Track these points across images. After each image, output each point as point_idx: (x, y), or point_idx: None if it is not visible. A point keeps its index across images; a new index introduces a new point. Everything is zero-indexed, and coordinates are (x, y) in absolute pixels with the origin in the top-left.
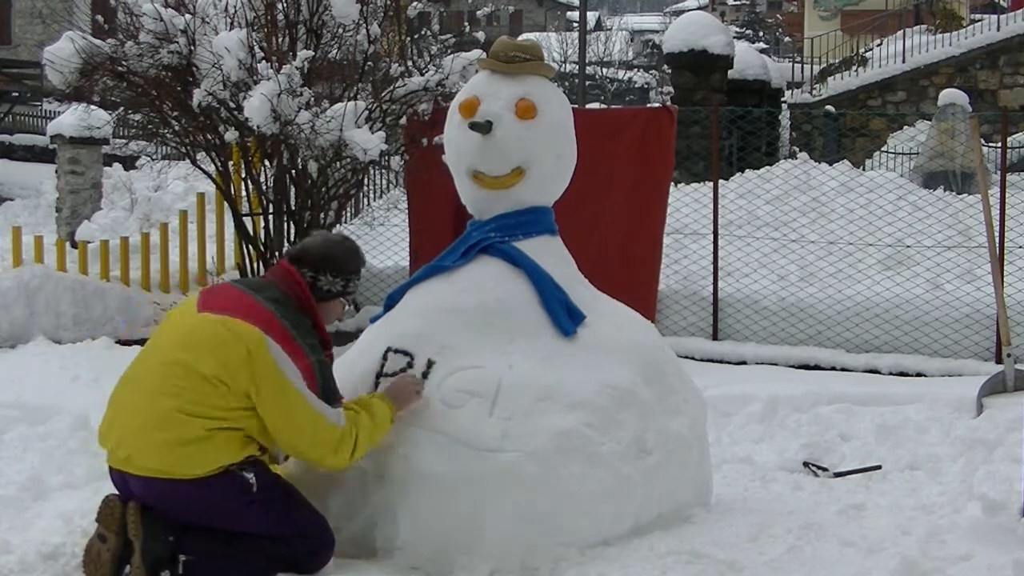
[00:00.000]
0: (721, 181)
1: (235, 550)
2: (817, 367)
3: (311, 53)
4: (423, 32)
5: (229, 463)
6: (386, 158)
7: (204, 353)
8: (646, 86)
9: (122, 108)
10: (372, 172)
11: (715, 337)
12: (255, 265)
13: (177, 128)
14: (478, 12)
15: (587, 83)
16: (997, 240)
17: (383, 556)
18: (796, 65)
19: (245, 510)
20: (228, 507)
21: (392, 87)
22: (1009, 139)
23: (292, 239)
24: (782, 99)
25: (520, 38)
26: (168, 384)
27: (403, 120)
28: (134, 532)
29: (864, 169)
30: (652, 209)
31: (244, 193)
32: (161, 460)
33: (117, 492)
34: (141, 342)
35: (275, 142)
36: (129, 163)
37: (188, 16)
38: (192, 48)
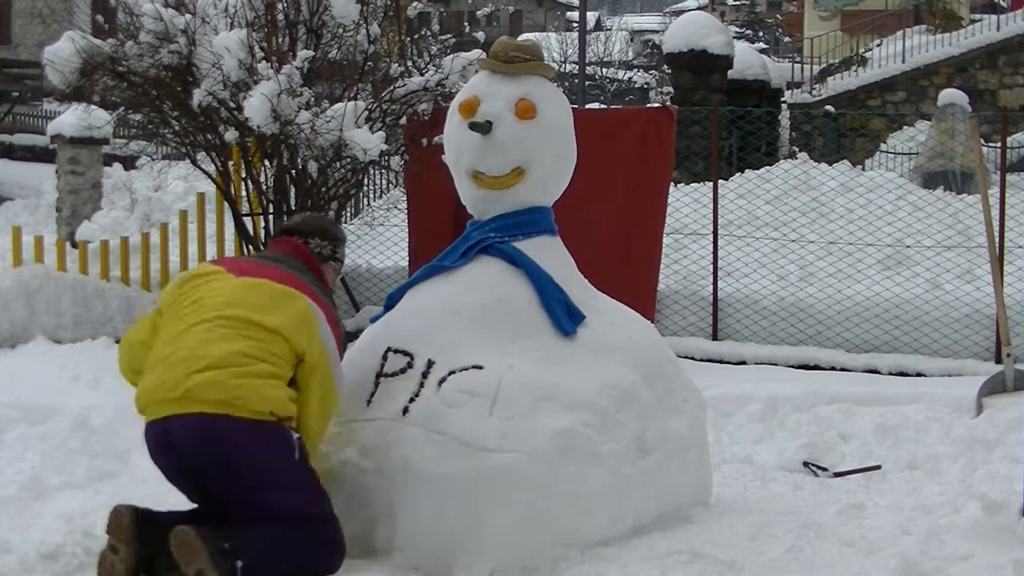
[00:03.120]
0: (721, 181)
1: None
2: (817, 367)
3: (311, 53)
4: (423, 32)
5: (280, 414)
6: (386, 158)
7: (264, 309)
8: (646, 86)
9: (122, 108)
10: (372, 172)
11: (715, 337)
12: None
13: (177, 128)
14: (478, 12)
15: (587, 83)
16: (997, 240)
17: (383, 556)
18: (796, 65)
19: (291, 467)
20: (276, 456)
21: (392, 87)
22: (1009, 139)
23: None
24: (782, 99)
25: (520, 38)
26: (230, 334)
27: (403, 120)
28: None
29: (864, 169)
30: (652, 209)
31: (244, 193)
32: (224, 391)
33: (123, 509)
34: None
35: (275, 142)
36: (129, 163)
37: (188, 16)
38: (192, 48)
